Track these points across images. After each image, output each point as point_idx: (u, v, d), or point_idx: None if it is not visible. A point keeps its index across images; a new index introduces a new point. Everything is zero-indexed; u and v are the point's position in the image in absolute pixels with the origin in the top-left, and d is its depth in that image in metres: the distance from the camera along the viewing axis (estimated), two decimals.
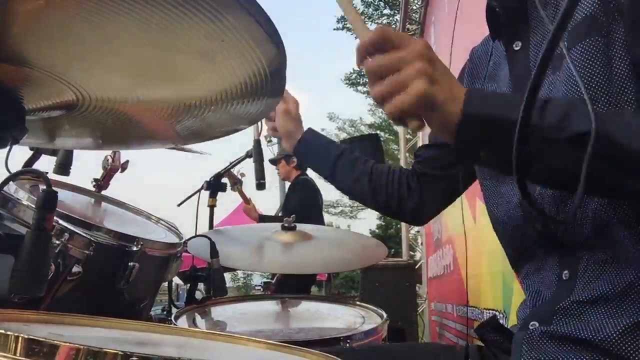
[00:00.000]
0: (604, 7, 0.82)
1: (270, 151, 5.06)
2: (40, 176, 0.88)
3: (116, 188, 1.88)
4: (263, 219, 4.46)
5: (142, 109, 0.76)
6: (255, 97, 0.69)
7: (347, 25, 17.95)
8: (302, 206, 4.37)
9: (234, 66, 0.62)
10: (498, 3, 1.02)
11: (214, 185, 2.56)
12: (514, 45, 0.99)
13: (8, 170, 1.28)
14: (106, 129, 0.83)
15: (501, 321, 1.09)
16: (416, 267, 6.81)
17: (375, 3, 17.62)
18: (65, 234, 1.11)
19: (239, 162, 3.30)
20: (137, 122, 0.80)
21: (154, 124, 0.81)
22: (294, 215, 1.91)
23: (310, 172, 4.13)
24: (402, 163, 8.59)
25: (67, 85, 0.70)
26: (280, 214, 4.79)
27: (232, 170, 4.48)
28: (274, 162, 3.93)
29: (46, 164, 1.55)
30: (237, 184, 4.37)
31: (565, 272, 0.89)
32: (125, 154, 1.97)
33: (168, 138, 0.89)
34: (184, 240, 1.55)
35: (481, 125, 0.74)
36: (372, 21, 17.84)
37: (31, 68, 0.66)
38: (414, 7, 8.04)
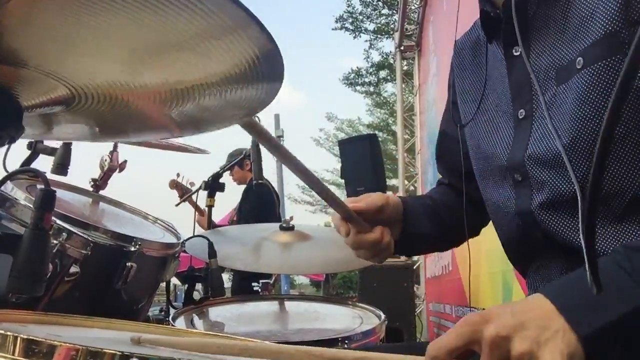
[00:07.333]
0: (625, 19, 0.79)
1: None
2: (39, 175, 0.87)
3: (114, 188, 1.88)
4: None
5: (137, 95, 0.75)
6: (252, 83, 0.68)
7: (346, 25, 17.98)
8: (256, 210, 4.17)
9: (222, 51, 0.62)
10: (493, 8, 1.01)
11: (212, 186, 2.56)
12: (513, 50, 0.98)
13: (5, 169, 1.28)
14: (103, 119, 0.82)
15: None
16: (414, 267, 6.81)
17: (374, 3, 17.62)
18: (63, 233, 1.10)
19: (237, 161, 3.30)
20: (133, 112, 0.79)
21: (150, 112, 0.80)
22: (292, 215, 1.91)
23: (266, 175, 3.88)
24: (400, 163, 8.60)
25: (60, 81, 0.69)
26: (235, 219, 4.55)
27: (179, 180, 4.35)
28: (227, 170, 3.45)
29: (44, 163, 1.55)
30: (186, 194, 4.08)
31: None
32: (123, 154, 1.97)
33: (165, 127, 0.88)
34: (181, 240, 1.54)
35: (604, 335, 0.66)
36: (370, 21, 17.87)
37: (23, 66, 0.65)
38: (413, 7, 8.05)
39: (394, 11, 14.81)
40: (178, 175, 4.40)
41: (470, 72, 1.14)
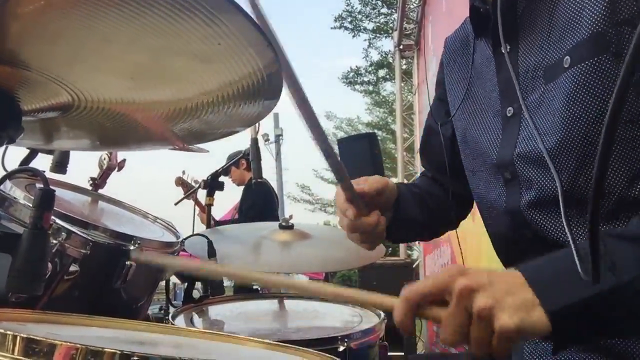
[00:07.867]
0: (611, 20, 0.79)
1: (267, 150, 5.03)
2: (38, 175, 0.87)
3: (113, 187, 1.88)
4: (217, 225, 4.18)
5: (139, 110, 0.76)
6: (253, 100, 0.69)
7: (345, 24, 17.98)
8: (256, 209, 4.29)
9: (231, 68, 0.62)
10: (483, 4, 1.01)
11: (211, 185, 2.56)
12: (502, 48, 0.97)
13: (4, 168, 1.28)
14: (104, 130, 0.83)
15: None
16: (414, 265, 6.81)
17: (373, 2, 17.62)
18: (63, 233, 1.10)
19: (236, 161, 3.30)
20: (134, 124, 0.80)
21: (151, 126, 0.81)
22: (292, 214, 1.91)
23: (266, 174, 3.94)
24: (399, 162, 8.61)
25: (63, 86, 0.69)
26: (235, 217, 4.66)
27: (184, 177, 4.42)
28: (224, 172, 3.41)
29: (43, 162, 1.54)
30: (190, 190, 4.04)
31: None
32: (122, 153, 1.97)
33: (167, 139, 0.89)
34: (181, 239, 1.54)
35: (571, 315, 0.67)
36: (369, 20, 17.85)
37: (28, 70, 0.66)
38: (412, 6, 8.06)
39: (393, 10, 14.82)
40: (183, 172, 4.47)
41: (459, 68, 1.14)
